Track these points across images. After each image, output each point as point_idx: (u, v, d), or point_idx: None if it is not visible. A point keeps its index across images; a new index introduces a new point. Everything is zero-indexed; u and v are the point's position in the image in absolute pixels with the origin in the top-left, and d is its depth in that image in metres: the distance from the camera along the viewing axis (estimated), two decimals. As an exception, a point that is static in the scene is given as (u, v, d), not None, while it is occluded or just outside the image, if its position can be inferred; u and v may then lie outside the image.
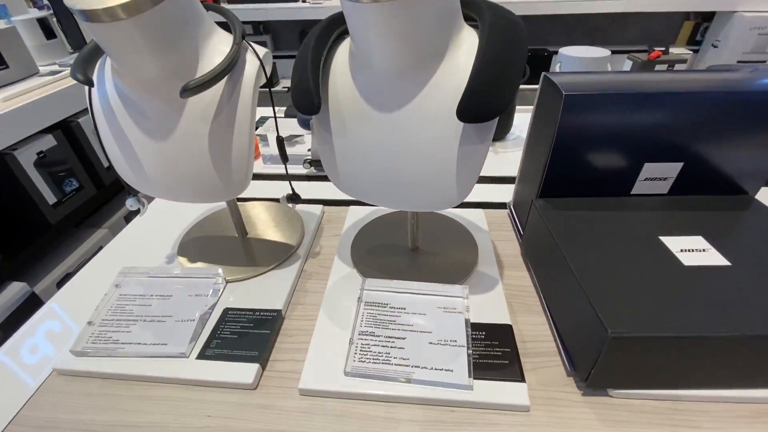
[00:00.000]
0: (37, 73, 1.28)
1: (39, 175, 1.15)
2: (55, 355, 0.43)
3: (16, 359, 0.44)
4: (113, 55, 0.36)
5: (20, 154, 1.09)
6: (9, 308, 1.10)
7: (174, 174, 0.42)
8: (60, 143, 1.20)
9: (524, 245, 0.55)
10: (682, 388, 0.38)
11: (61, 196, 1.21)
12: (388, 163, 0.38)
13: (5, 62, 1.21)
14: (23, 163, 1.10)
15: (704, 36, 3.37)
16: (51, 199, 1.18)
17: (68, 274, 1.24)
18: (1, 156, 1.05)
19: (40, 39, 1.42)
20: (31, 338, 0.47)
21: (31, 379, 0.42)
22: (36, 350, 0.45)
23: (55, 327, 0.48)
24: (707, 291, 0.37)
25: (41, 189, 1.15)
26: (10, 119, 1.06)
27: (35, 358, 0.44)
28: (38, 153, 1.15)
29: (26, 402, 0.40)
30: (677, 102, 0.44)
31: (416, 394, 0.38)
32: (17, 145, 1.10)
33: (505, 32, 0.31)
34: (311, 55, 0.36)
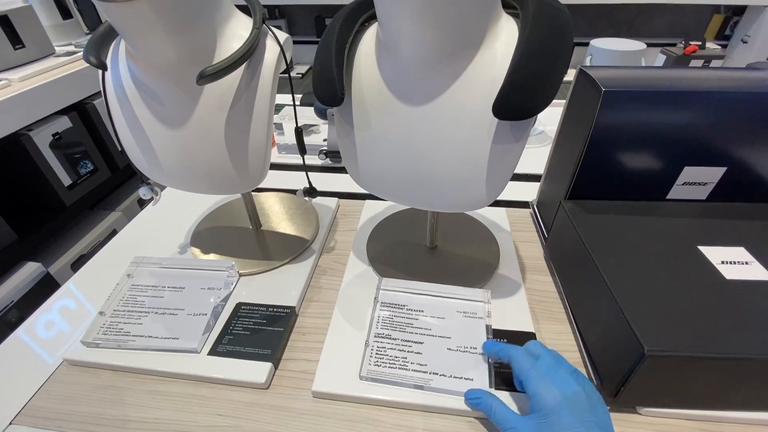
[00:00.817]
0: (53, 54, 1.27)
1: (54, 157, 1.15)
2: (66, 345, 0.42)
3: (26, 348, 0.44)
4: (127, 37, 0.34)
5: (36, 135, 1.09)
6: (24, 288, 1.11)
7: (188, 164, 0.40)
8: (75, 125, 1.20)
9: (548, 248, 0.53)
10: (717, 409, 0.35)
11: (75, 178, 1.21)
12: (413, 159, 0.36)
13: (22, 41, 1.20)
14: (39, 144, 1.10)
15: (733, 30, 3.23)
16: (66, 181, 1.18)
17: (82, 255, 1.25)
18: (17, 137, 1.05)
19: (57, 19, 1.41)
20: (42, 327, 0.46)
21: (41, 368, 0.41)
22: (47, 339, 0.45)
23: (66, 316, 0.47)
24: (750, 308, 0.34)
25: (56, 170, 1.15)
26: (26, 99, 1.06)
27: (46, 346, 0.44)
28: (54, 134, 1.15)
29: (36, 392, 0.39)
30: (722, 102, 0.41)
31: (435, 403, 0.36)
32: (33, 126, 1.10)
33: (550, 21, 0.29)
34: (336, 41, 0.34)
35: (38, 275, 1.15)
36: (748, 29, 3.08)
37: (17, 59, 1.19)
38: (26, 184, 1.16)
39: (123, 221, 1.41)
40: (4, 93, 1.02)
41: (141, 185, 0.45)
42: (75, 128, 1.20)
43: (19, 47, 1.20)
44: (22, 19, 1.19)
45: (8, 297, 1.07)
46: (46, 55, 1.26)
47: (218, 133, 0.38)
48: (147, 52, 0.35)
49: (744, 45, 3.16)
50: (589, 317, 0.41)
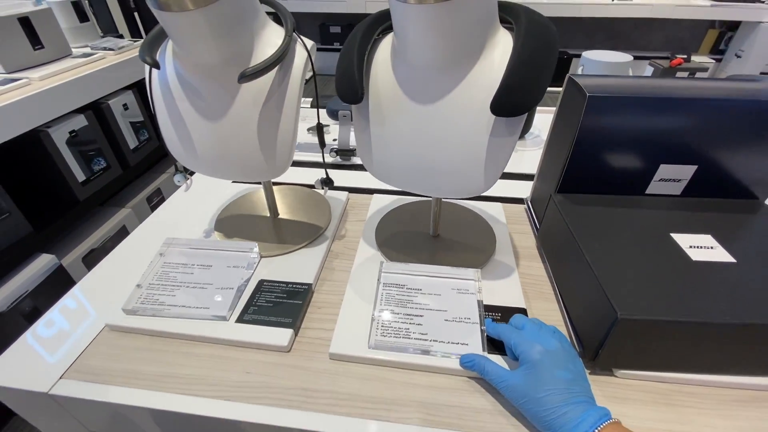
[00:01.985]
0: (70, 55, 1.33)
1: (70, 153, 1.19)
2: (107, 313, 0.47)
3: (72, 314, 0.49)
4: (178, 41, 0.40)
5: (54, 131, 1.14)
6: (38, 279, 1.15)
7: (223, 152, 0.45)
8: (91, 123, 1.25)
9: (540, 237, 0.58)
10: (683, 372, 0.41)
11: (89, 174, 1.26)
12: (421, 151, 0.41)
13: (41, 42, 1.25)
14: (56, 141, 1.15)
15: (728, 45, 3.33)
16: (80, 177, 1.23)
17: (93, 249, 1.30)
18: (36, 133, 1.10)
19: (74, 21, 1.47)
20: (83, 297, 0.51)
21: (85, 333, 0.46)
22: (88, 308, 0.49)
23: (104, 288, 0.52)
24: (712, 283, 0.40)
25: (71, 166, 1.20)
26: (45, 98, 1.11)
27: (88, 314, 0.49)
28: (70, 132, 1.20)
29: (81, 353, 0.44)
30: (695, 107, 0.47)
31: (436, 364, 0.41)
32: (51, 123, 1.15)
33: (539, 36, 0.34)
34: (357, 47, 0.39)
35: (52, 267, 1.19)
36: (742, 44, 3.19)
37: (36, 59, 1.24)
38: (42, 179, 1.21)
39: (132, 218, 1.46)
40: (25, 91, 1.07)
41: (176, 173, 0.51)
42: (90, 126, 1.26)
43: (38, 48, 1.25)
44: (41, 21, 1.24)
45: (23, 287, 1.11)
46: (64, 56, 1.32)
47: (251, 126, 0.43)
48: (193, 53, 0.40)
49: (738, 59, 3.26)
50: (574, 294, 0.47)
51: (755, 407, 0.39)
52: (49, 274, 1.17)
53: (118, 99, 1.34)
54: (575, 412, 0.33)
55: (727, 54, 3.28)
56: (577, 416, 0.32)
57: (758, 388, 0.40)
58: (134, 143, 1.41)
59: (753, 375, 0.40)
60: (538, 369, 0.35)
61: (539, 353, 0.36)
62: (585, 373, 0.37)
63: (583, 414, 0.32)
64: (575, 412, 0.33)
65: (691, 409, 0.39)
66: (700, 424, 0.38)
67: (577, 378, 0.35)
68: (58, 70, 1.21)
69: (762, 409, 0.39)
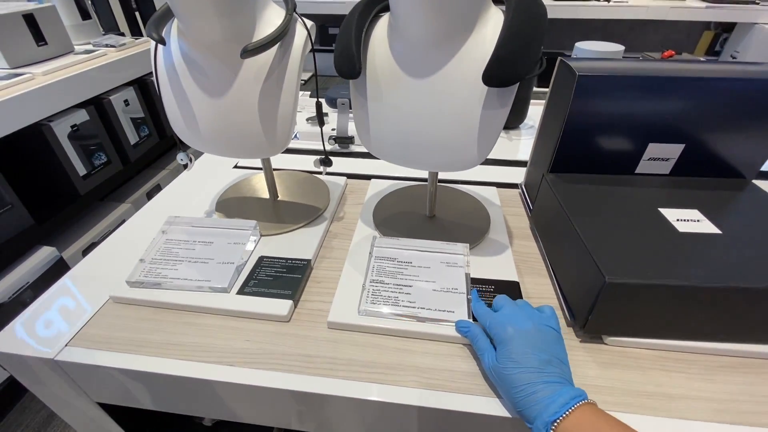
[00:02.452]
0: (72, 51, 1.35)
1: (72, 147, 1.21)
2: (111, 286, 0.48)
3: (77, 287, 0.50)
4: (183, 19, 0.41)
5: (56, 125, 1.15)
6: (39, 270, 1.16)
7: (225, 128, 0.47)
8: (92, 118, 1.27)
9: (533, 217, 0.60)
10: (671, 339, 0.42)
11: (90, 169, 1.28)
12: (417, 125, 0.43)
13: (44, 39, 1.27)
14: (58, 135, 1.16)
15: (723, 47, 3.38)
16: (81, 171, 1.24)
17: (93, 243, 1.31)
18: (38, 126, 1.11)
19: (77, 19, 1.49)
20: (88, 271, 0.53)
21: (90, 304, 0.47)
22: (93, 281, 0.51)
23: (108, 263, 0.53)
24: (697, 251, 0.41)
25: (73, 160, 1.22)
26: (48, 92, 1.12)
27: (93, 287, 0.50)
28: (72, 126, 1.21)
29: (87, 322, 0.45)
30: (682, 87, 0.49)
31: (428, 331, 0.43)
32: (54, 117, 1.16)
33: (527, 10, 0.36)
34: (355, 25, 0.41)
35: (52, 259, 1.20)
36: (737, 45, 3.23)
37: (40, 55, 1.26)
38: (44, 172, 1.22)
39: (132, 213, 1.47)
40: (29, 86, 1.09)
41: (179, 151, 0.52)
42: (92, 121, 1.27)
43: (42, 44, 1.27)
44: (45, 18, 1.26)
45: (24, 279, 1.12)
46: (67, 53, 1.34)
47: (253, 102, 0.45)
48: (198, 31, 0.42)
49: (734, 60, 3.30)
50: (564, 266, 0.48)
51: (742, 373, 0.40)
52: (50, 267, 1.18)
53: (120, 95, 1.36)
54: (545, 392, 0.31)
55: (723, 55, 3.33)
56: (546, 396, 0.31)
57: (746, 354, 0.41)
58: (135, 139, 1.43)
59: (739, 342, 0.41)
60: (509, 347, 0.35)
61: (510, 333, 0.36)
62: (565, 357, 0.36)
63: (553, 394, 0.31)
64: (545, 392, 0.31)
65: (680, 374, 0.40)
66: (689, 388, 0.39)
67: (553, 360, 0.34)
68: (60, 65, 1.22)
69: (749, 375, 0.40)
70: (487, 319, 0.39)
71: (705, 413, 0.37)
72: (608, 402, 0.37)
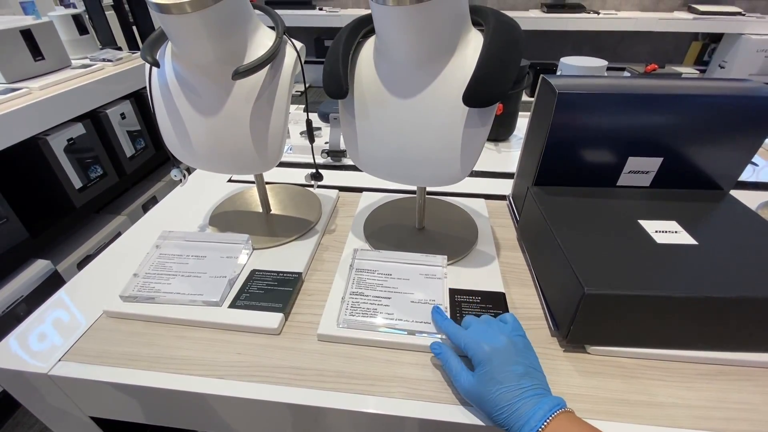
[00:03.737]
0: (69, 66, 1.36)
1: (68, 160, 1.22)
2: (104, 301, 0.49)
3: (71, 301, 0.51)
4: (177, 42, 0.43)
5: (53, 139, 1.17)
6: (33, 284, 1.16)
7: (218, 146, 0.48)
8: (88, 131, 1.28)
9: (520, 229, 0.61)
10: (651, 347, 0.43)
11: (86, 181, 1.28)
12: (402, 142, 0.44)
13: (42, 54, 1.29)
14: (54, 148, 1.17)
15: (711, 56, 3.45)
16: (77, 184, 1.25)
17: (88, 256, 1.31)
18: (35, 140, 1.12)
19: (74, 34, 1.51)
20: (82, 286, 0.54)
21: (84, 318, 0.48)
22: (87, 296, 0.51)
23: (102, 278, 0.54)
24: (674, 262, 0.43)
25: (69, 173, 1.22)
26: (45, 106, 1.14)
27: (87, 302, 0.51)
28: (68, 139, 1.22)
29: (80, 336, 0.46)
30: (660, 103, 0.51)
31: (405, 341, 0.44)
32: (50, 131, 1.17)
33: (505, 35, 0.38)
34: (342, 48, 0.43)
35: (47, 272, 1.20)
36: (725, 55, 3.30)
37: (37, 70, 1.28)
38: (40, 185, 1.23)
39: (128, 225, 1.47)
40: (25, 100, 1.11)
41: (173, 168, 0.53)
42: (88, 134, 1.28)
43: (39, 59, 1.29)
44: (43, 34, 1.28)
45: (18, 292, 1.12)
46: (64, 67, 1.35)
47: (244, 121, 0.46)
48: (191, 54, 0.43)
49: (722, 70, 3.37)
50: (549, 277, 0.49)
51: (719, 381, 0.41)
52: (44, 280, 1.18)
53: (116, 108, 1.37)
54: (527, 406, 0.32)
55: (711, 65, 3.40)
56: (528, 411, 0.32)
57: (721, 362, 0.42)
58: (131, 151, 1.44)
59: (715, 350, 0.43)
60: (488, 369, 0.35)
61: (488, 352, 0.36)
62: (537, 363, 0.37)
63: (533, 408, 0.32)
64: (527, 406, 0.32)
65: (659, 381, 0.41)
66: (667, 395, 0.40)
67: (529, 370, 0.35)
68: (57, 80, 1.24)
69: (725, 382, 0.41)
70: (461, 339, 0.39)
71: (685, 420, 0.38)
72: (591, 410, 0.39)
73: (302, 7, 3.24)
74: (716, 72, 3.33)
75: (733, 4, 3.12)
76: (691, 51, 3.50)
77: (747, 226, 0.49)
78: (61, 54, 1.34)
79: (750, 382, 0.41)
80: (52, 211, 1.26)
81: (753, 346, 0.42)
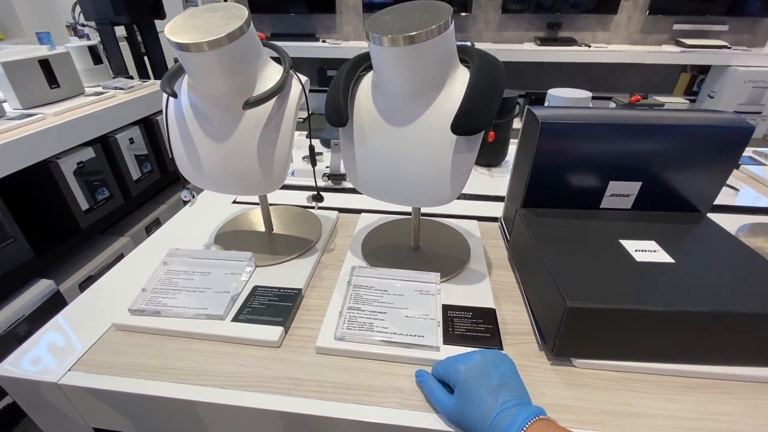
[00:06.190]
0: (83, 93, 1.43)
1: (76, 183, 1.26)
2: (113, 314, 0.52)
3: (82, 314, 0.54)
4: (193, 75, 0.47)
5: (63, 162, 1.21)
6: (35, 303, 1.17)
7: (227, 169, 0.52)
8: (98, 155, 1.33)
9: (510, 249, 0.64)
10: (634, 361, 0.45)
11: (92, 203, 1.32)
12: (397, 166, 0.48)
13: (58, 82, 1.36)
14: (65, 171, 1.22)
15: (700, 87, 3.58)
16: (84, 205, 1.29)
17: (90, 276, 1.33)
18: (47, 163, 1.17)
19: (89, 63, 1.59)
20: (91, 300, 0.56)
21: (94, 330, 0.50)
22: (96, 310, 0.54)
23: (111, 292, 0.57)
24: (652, 279, 0.46)
25: (77, 195, 1.26)
26: (58, 132, 1.19)
27: (96, 315, 0.53)
28: (78, 163, 1.27)
29: (89, 348, 0.48)
30: (634, 131, 0.55)
31: (399, 353, 0.46)
32: (61, 155, 1.22)
33: (488, 72, 0.43)
34: (343, 81, 0.47)
35: (49, 292, 1.22)
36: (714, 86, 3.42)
37: (52, 97, 1.34)
38: (48, 207, 1.26)
39: (131, 246, 1.50)
40: (40, 125, 1.16)
41: (183, 189, 0.57)
42: (97, 158, 1.33)
43: (54, 87, 1.35)
44: (59, 63, 1.35)
45: (20, 311, 1.13)
46: (78, 94, 1.42)
47: (253, 147, 0.50)
48: (206, 86, 0.48)
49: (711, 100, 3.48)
50: (536, 294, 0.52)
51: (700, 393, 0.43)
52: (47, 300, 1.19)
53: (125, 134, 1.43)
54: (506, 420, 0.34)
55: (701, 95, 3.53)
56: (507, 424, 0.33)
57: (703, 375, 0.44)
58: (137, 174, 1.49)
59: (696, 363, 0.45)
60: (465, 387, 0.37)
61: (463, 371, 0.38)
62: (514, 371, 0.39)
63: (512, 420, 0.33)
64: (506, 420, 0.34)
65: (642, 393, 0.43)
66: (650, 407, 0.42)
67: (504, 380, 0.37)
68: (71, 106, 1.30)
69: (706, 394, 0.43)
70: (438, 367, 0.42)
71: (667, 430, 0.40)
72: (577, 420, 0.40)
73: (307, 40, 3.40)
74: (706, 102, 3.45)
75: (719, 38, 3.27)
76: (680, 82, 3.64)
77: (722, 246, 0.52)
78: (75, 82, 1.41)
79: (729, 394, 0.43)
80: (58, 231, 1.28)
81: (732, 360, 0.44)
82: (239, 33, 0.45)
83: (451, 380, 0.39)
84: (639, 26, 3.36)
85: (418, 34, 0.40)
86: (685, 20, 3.30)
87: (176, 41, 0.44)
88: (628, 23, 3.34)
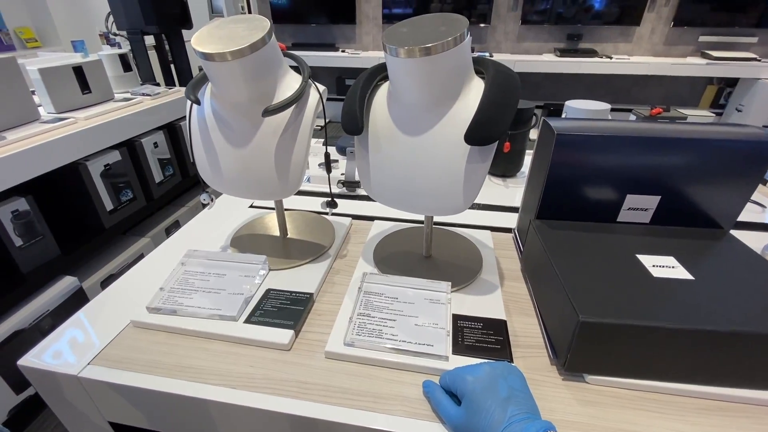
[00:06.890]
0: (112, 99, 1.50)
1: (102, 184, 1.31)
2: (131, 311, 0.53)
3: (103, 310, 0.56)
4: (216, 83, 0.49)
5: (91, 164, 1.26)
6: (60, 299, 1.22)
7: (246, 174, 0.54)
8: (124, 158, 1.38)
9: (523, 260, 0.64)
10: (648, 379, 0.44)
11: (117, 204, 1.37)
12: (411, 175, 0.49)
13: (89, 88, 1.42)
14: (92, 173, 1.27)
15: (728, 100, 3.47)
16: (109, 206, 1.34)
17: (112, 275, 1.37)
18: (76, 165, 1.22)
19: (119, 71, 1.66)
20: (112, 297, 0.58)
21: (111, 328, 0.52)
22: (115, 307, 0.56)
23: (131, 290, 0.59)
24: (669, 296, 0.45)
25: (102, 196, 1.31)
26: (88, 135, 1.24)
27: (115, 312, 0.55)
28: (105, 165, 1.32)
29: (108, 344, 0.50)
30: (650, 145, 0.54)
31: (407, 361, 0.46)
32: (90, 157, 1.27)
33: (503, 83, 0.43)
34: (360, 91, 0.49)
35: (73, 288, 1.26)
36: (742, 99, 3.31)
37: (83, 102, 1.40)
38: (75, 206, 1.31)
39: (151, 247, 1.54)
40: (71, 129, 1.21)
41: (203, 192, 0.59)
42: (123, 161, 1.38)
43: (86, 92, 1.42)
44: (92, 70, 1.41)
45: (45, 306, 1.17)
46: (107, 100, 1.48)
47: (270, 153, 0.52)
48: (228, 94, 0.50)
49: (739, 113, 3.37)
50: (548, 307, 0.51)
51: (718, 416, 0.42)
52: (70, 296, 1.24)
53: (150, 138, 1.48)
54: None
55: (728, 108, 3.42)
56: None
57: (721, 398, 0.43)
58: (160, 177, 1.54)
59: (714, 385, 0.43)
60: (473, 399, 0.36)
61: (470, 382, 0.38)
62: (524, 384, 0.38)
63: None
64: None
65: (657, 413, 0.42)
66: (664, 428, 0.41)
67: (513, 393, 0.36)
68: (101, 111, 1.36)
69: (724, 418, 0.41)
70: (446, 377, 0.41)
71: (680, 453, 0.38)
72: (586, 438, 0.39)
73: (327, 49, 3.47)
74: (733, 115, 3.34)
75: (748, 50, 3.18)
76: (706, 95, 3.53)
77: (745, 264, 0.51)
78: (106, 88, 1.47)
79: (749, 419, 0.41)
80: (83, 230, 1.34)
81: (754, 383, 0.43)
82: (261, 44, 0.46)
83: (458, 391, 0.39)
84: (663, 38, 3.29)
85: (434, 46, 0.40)
86: (712, 32, 3.22)
87: (201, 51, 0.46)
88: (651, 35, 3.28)
